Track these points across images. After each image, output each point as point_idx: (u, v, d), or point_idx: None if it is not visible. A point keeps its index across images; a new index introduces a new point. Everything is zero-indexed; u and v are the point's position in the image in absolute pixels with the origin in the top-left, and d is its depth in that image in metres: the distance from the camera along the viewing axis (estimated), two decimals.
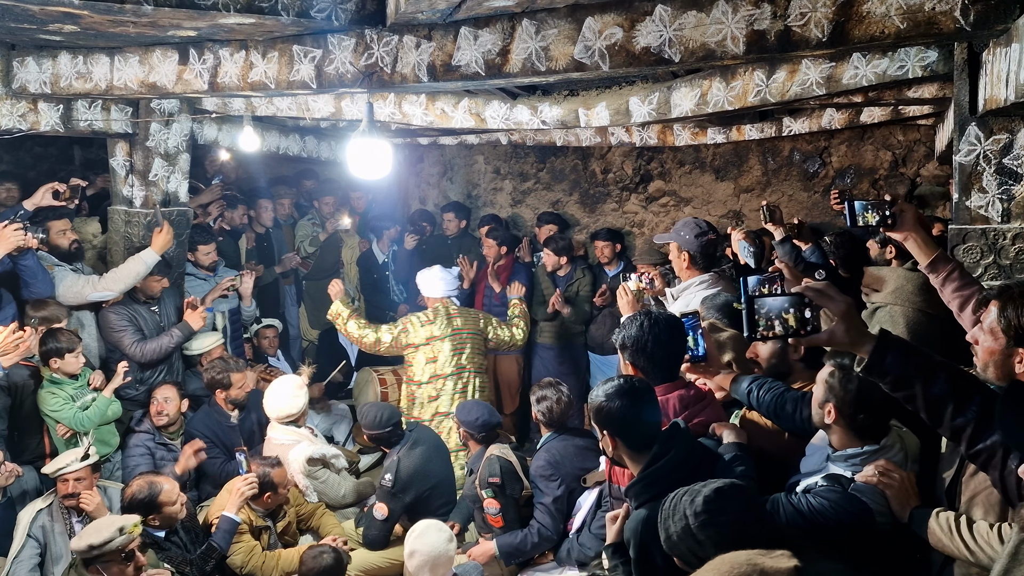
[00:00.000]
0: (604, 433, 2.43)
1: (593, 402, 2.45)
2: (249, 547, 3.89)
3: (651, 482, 2.31)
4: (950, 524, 2.05)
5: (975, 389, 1.88)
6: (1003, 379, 2.01)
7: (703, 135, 5.87)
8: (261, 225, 6.75)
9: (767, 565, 1.57)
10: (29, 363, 4.20)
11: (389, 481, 4.16)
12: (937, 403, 1.87)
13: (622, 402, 2.37)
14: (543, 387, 4.02)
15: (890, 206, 2.46)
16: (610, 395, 2.39)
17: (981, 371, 2.07)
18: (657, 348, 2.67)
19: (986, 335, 2.01)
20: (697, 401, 2.71)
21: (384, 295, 7.24)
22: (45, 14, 3.14)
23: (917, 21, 2.38)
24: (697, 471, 2.27)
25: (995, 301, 2.00)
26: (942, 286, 2.46)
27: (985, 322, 2.02)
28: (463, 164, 7.87)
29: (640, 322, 2.71)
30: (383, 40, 3.20)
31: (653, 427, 2.40)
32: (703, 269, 3.68)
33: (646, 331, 2.68)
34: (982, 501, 2.05)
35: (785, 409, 2.66)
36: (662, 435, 2.38)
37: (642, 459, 2.38)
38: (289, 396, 4.58)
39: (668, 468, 2.30)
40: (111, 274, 4.70)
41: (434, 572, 3.49)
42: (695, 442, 2.47)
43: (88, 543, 3.04)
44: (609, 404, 2.39)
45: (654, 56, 2.77)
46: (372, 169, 3.49)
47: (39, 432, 4.33)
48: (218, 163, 6.55)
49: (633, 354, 2.71)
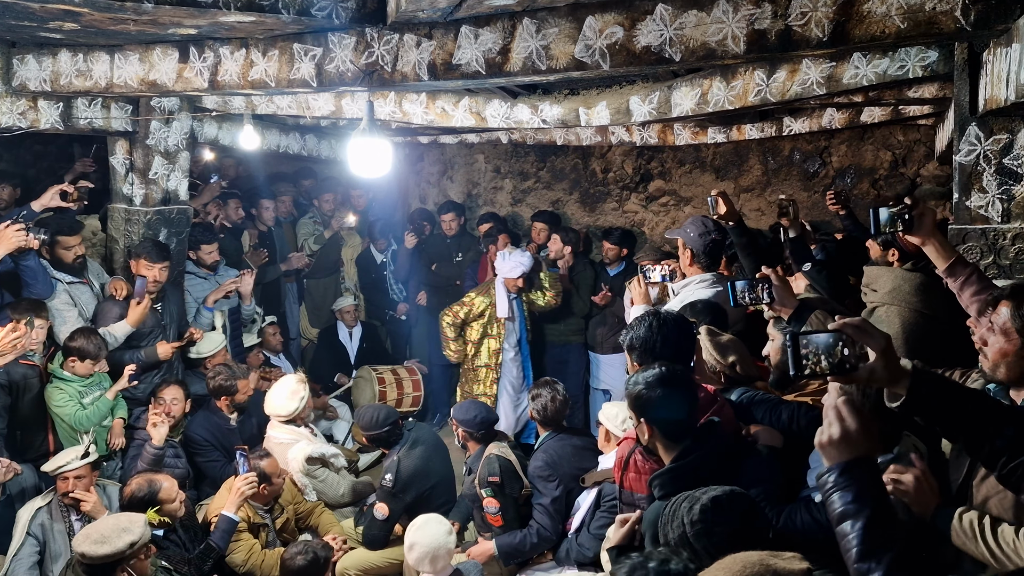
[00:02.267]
0: (641, 420, 2.43)
1: (632, 390, 2.43)
2: (249, 545, 3.90)
3: (677, 475, 2.31)
4: (974, 527, 2.01)
5: (1007, 414, 1.84)
6: (1014, 380, 2.00)
7: (703, 135, 5.87)
8: (263, 223, 6.75)
9: (779, 567, 1.56)
10: (29, 362, 4.20)
11: (389, 481, 4.16)
12: (973, 431, 1.83)
13: (662, 390, 2.37)
14: (539, 386, 4.03)
15: (910, 209, 2.43)
16: (651, 383, 2.39)
17: (990, 372, 2.05)
18: (666, 349, 2.67)
19: (997, 336, 1.98)
20: (710, 403, 2.69)
21: (383, 295, 7.24)
22: (45, 12, 3.14)
23: (918, 21, 2.38)
24: (719, 471, 2.27)
25: (1007, 301, 1.97)
26: (960, 290, 2.42)
27: (996, 322, 1.99)
28: (463, 163, 7.87)
29: (649, 323, 2.71)
30: (383, 39, 3.20)
31: (690, 417, 2.41)
32: (705, 268, 3.68)
33: (655, 332, 2.68)
34: (995, 505, 2.02)
35: (781, 421, 2.65)
36: (698, 430, 2.39)
37: (675, 449, 2.38)
38: (289, 395, 4.58)
39: (696, 463, 2.31)
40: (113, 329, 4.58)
41: (434, 564, 3.50)
42: (727, 440, 2.46)
43: (129, 541, 3.02)
44: (649, 392, 2.38)
45: (655, 55, 2.77)
46: (372, 168, 3.49)
47: (43, 430, 4.32)
48: (203, 163, 6.50)
49: (642, 355, 2.71)
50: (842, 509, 1.49)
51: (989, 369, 2.04)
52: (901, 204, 2.46)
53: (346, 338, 6.87)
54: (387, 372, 6.36)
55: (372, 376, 6.23)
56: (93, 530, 3.13)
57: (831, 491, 1.53)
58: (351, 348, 6.86)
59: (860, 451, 1.56)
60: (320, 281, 7.20)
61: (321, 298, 7.18)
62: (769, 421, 2.68)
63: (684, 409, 2.40)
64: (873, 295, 3.19)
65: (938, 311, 2.95)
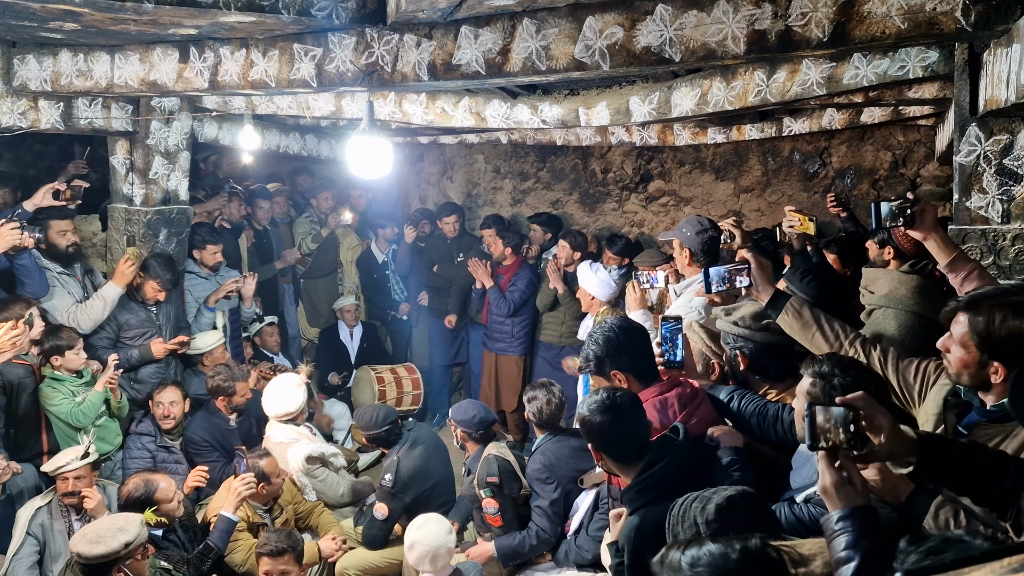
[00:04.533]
0: (590, 446, 2.45)
1: (579, 415, 2.45)
2: (248, 545, 3.90)
3: (643, 488, 2.31)
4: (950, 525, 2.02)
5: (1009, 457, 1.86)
6: (978, 387, 2.04)
7: (703, 135, 5.86)
8: (259, 223, 6.76)
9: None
10: (23, 361, 4.20)
11: (389, 481, 4.16)
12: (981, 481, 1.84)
13: (604, 418, 2.37)
14: (535, 388, 4.00)
15: (912, 205, 2.43)
16: (593, 411, 2.39)
17: (955, 378, 2.09)
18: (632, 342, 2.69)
19: (957, 346, 2.02)
20: (692, 399, 2.69)
21: (385, 294, 7.24)
22: (46, 12, 3.14)
23: (918, 21, 2.38)
24: (694, 476, 2.26)
25: (963, 312, 2.01)
26: (961, 286, 2.42)
27: (955, 333, 2.03)
28: (463, 163, 7.87)
29: (606, 328, 2.73)
30: (384, 39, 3.20)
31: (640, 439, 2.39)
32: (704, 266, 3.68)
33: (616, 333, 2.70)
34: None
35: (767, 420, 2.64)
36: (654, 444, 2.37)
37: (631, 470, 2.38)
38: (288, 394, 4.59)
39: (661, 474, 2.30)
40: (81, 311, 4.59)
41: (434, 564, 3.50)
42: (693, 447, 2.45)
43: (124, 541, 3.03)
44: (592, 419, 2.39)
45: (655, 56, 2.77)
46: (372, 168, 3.49)
47: (38, 430, 4.33)
48: (239, 166, 6.57)
49: (614, 358, 2.69)
50: (841, 554, 1.55)
51: (954, 374, 2.07)
52: (903, 199, 2.46)
53: (347, 338, 6.87)
54: (386, 371, 6.37)
55: (371, 376, 6.24)
56: (89, 530, 3.14)
57: (834, 536, 1.58)
58: (352, 348, 6.87)
59: (857, 500, 1.62)
60: (317, 281, 7.20)
61: (319, 298, 7.18)
62: (756, 421, 2.67)
63: (631, 434, 2.39)
64: (871, 297, 3.19)
65: (935, 313, 2.94)
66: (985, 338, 1.95)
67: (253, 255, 6.54)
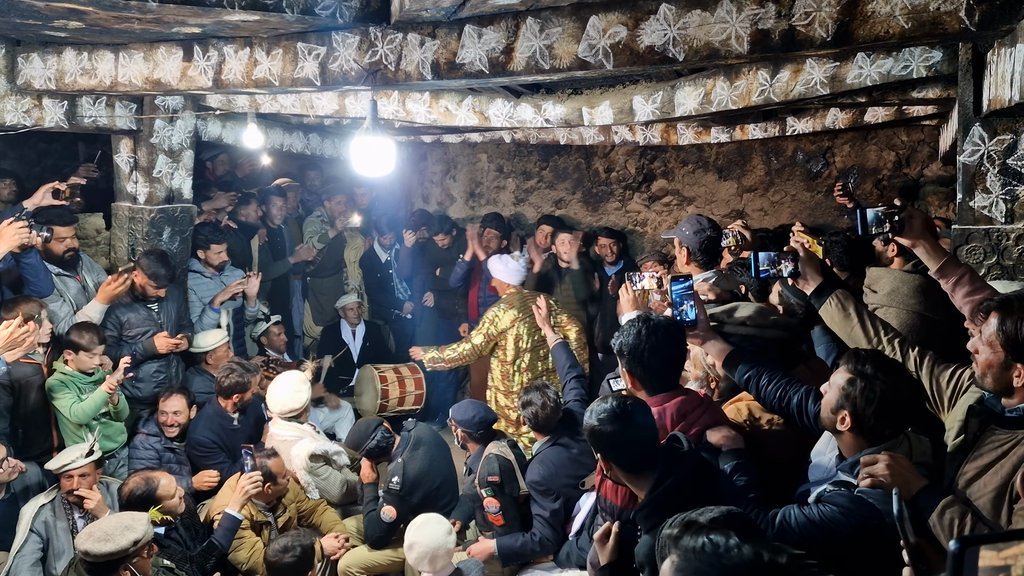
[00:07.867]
0: (599, 455, 2.38)
1: (587, 424, 2.39)
2: (251, 543, 3.91)
3: (658, 506, 2.23)
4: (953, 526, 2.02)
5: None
6: (1000, 390, 2.03)
7: (707, 134, 5.86)
8: (273, 222, 6.76)
9: None
10: (31, 360, 4.21)
11: (397, 484, 4.13)
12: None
13: (614, 428, 2.30)
14: (529, 391, 3.94)
15: (899, 211, 2.42)
16: (603, 420, 2.32)
17: (979, 380, 2.08)
18: (653, 357, 2.59)
19: (984, 347, 2.02)
20: (695, 407, 2.63)
21: (389, 294, 7.25)
22: (50, 10, 3.15)
23: (922, 21, 2.38)
24: (701, 489, 2.23)
25: (995, 313, 2.00)
26: (952, 291, 2.41)
27: (984, 333, 2.02)
28: (466, 162, 7.87)
29: (638, 329, 2.62)
30: (387, 38, 3.21)
31: (649, 448, 2.34)
32: (703, 266, 3.67)
33: (643, 339, 2.59)
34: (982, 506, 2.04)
35: (791, 405, 2.60)
36: (662, 455, 2.32)
37: (642, 480, 2.32)
38: (292, 391, 4.59)
39: (673, 489, 2.25)
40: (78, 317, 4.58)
41: (433, 564, 3.50)
42: (697, 458, 2.40)
43: (132, 539, 3.03)
44: (602, 428, 2.32)
45: (658, 55, 2.77)
46: (376, 167, 3.49)
47: (47, 427, 4.33)
48: (259, 167, 6.59)
49: (630, 362, 2.65)
50: None
51: (978, 377, 2.07)
52: (889, 205, 2.45)
53: (349, 337, 6.88)
54: (389, 371, 6.37)
55: (374, 375, 6.24)
56: (96, 528, 3.14)
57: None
58: (354, 347, 6.87)
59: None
60: (323, 280, 7.21)
61: (325, 297, 7.19)
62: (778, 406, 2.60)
63: (642, 442, 2.33)
64: (873, 296, 3.18)
65: (937, 312, 2.94)
66: (1012, 338, 1.95)
67: (266, 252, 6.54)
